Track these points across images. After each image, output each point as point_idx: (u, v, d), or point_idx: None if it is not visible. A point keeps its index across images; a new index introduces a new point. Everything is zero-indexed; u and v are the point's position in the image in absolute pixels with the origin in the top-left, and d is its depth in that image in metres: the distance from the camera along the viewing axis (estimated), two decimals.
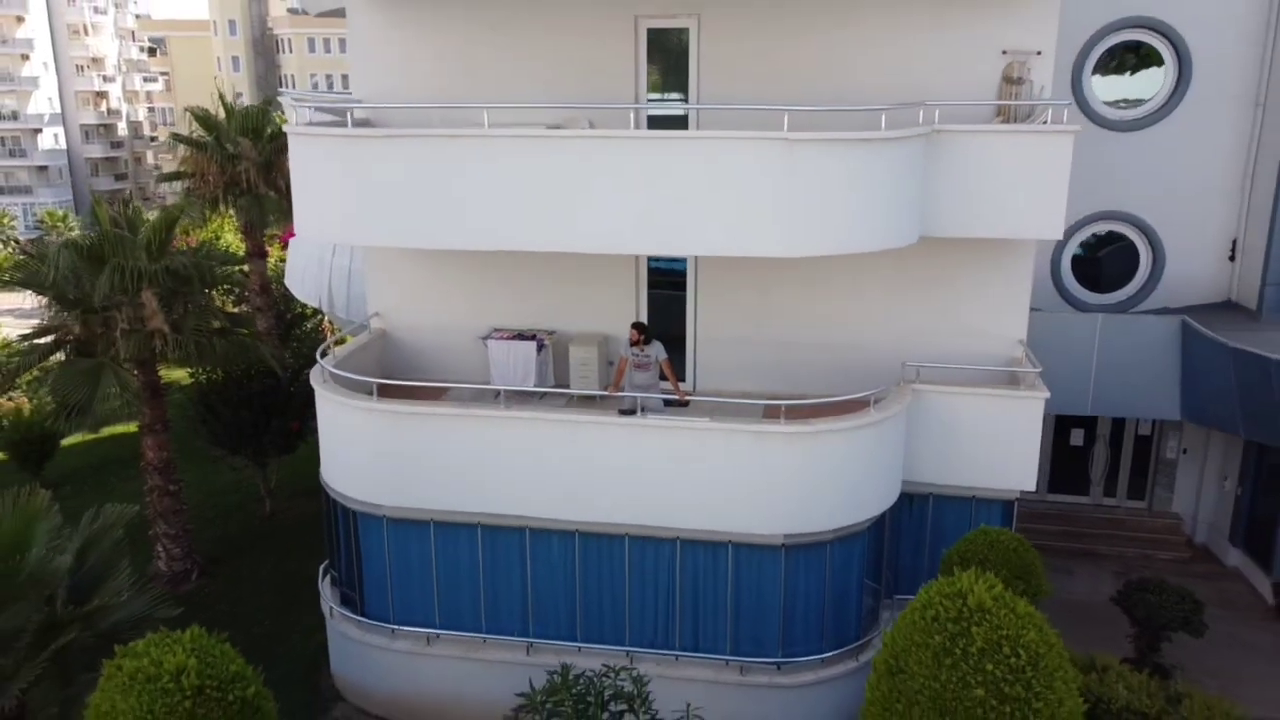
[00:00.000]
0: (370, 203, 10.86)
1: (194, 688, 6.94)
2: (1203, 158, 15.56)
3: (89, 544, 10.05)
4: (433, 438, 11.39)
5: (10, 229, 70.90)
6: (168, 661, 7.01)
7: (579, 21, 12.34)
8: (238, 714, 7.14)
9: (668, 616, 11.30)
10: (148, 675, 6.94)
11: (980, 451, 11.55)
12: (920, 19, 11.69)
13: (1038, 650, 6.85)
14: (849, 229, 10.22)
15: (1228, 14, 15.02)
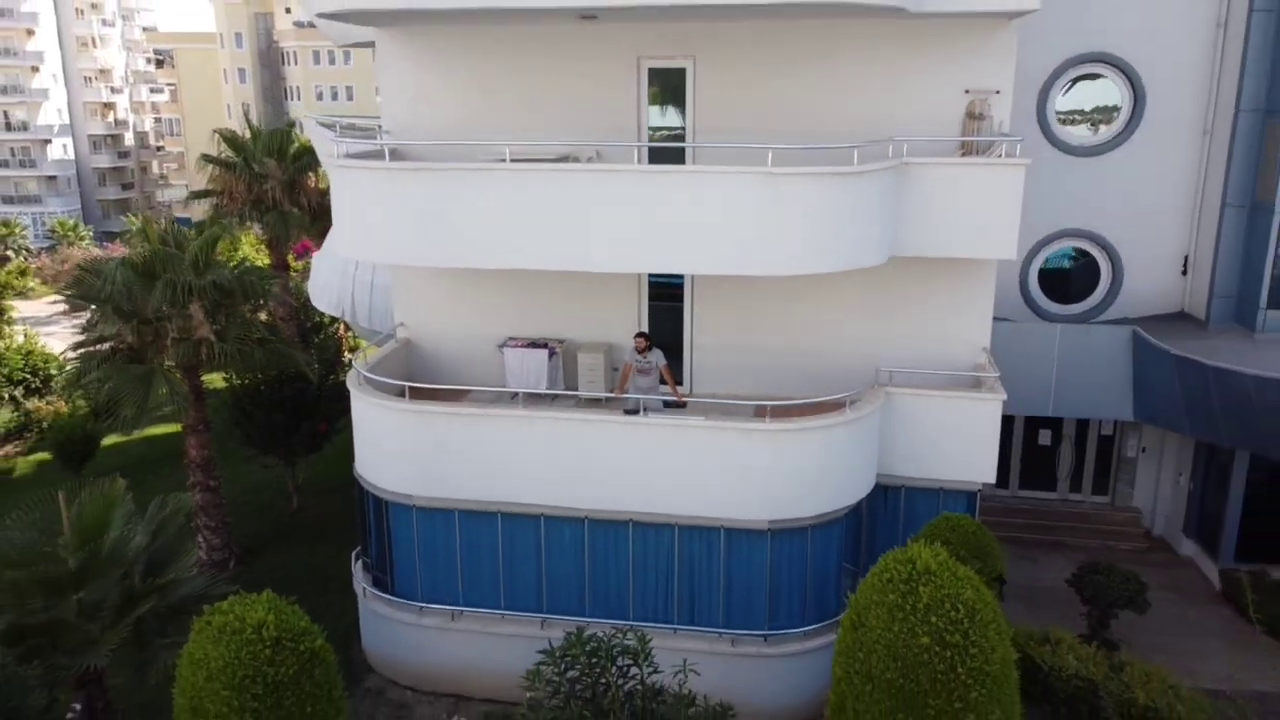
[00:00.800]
0: (403, 227, 12.28)
1: (272, 639, 8.32)
2: (1157, 180, 16.97)
3: (158, 528, 11.43)
4: (458, 435, 12.80)
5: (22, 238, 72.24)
6: (250, 617, 8.39)
7: (587, 61, 13.73)
8: (307, 662, 8.52)
9: (667, 594, 12.69)
10: (234, 628, 8.32)
11: (946, 447, 12.95)
12: (892, 60, 13.10)
13: (974, 606, 8.24)
14: (826, 251, 11.64)
15: (1176, 49, 16.44)
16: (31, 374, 22.73)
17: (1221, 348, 15.35)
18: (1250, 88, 15.65)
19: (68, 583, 10.36)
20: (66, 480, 19.97)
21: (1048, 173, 16.89)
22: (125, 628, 10.41)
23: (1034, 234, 17.33)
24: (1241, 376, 13.87)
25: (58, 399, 23.14)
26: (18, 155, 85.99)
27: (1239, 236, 16.02)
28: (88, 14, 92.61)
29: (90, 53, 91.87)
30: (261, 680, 8.20)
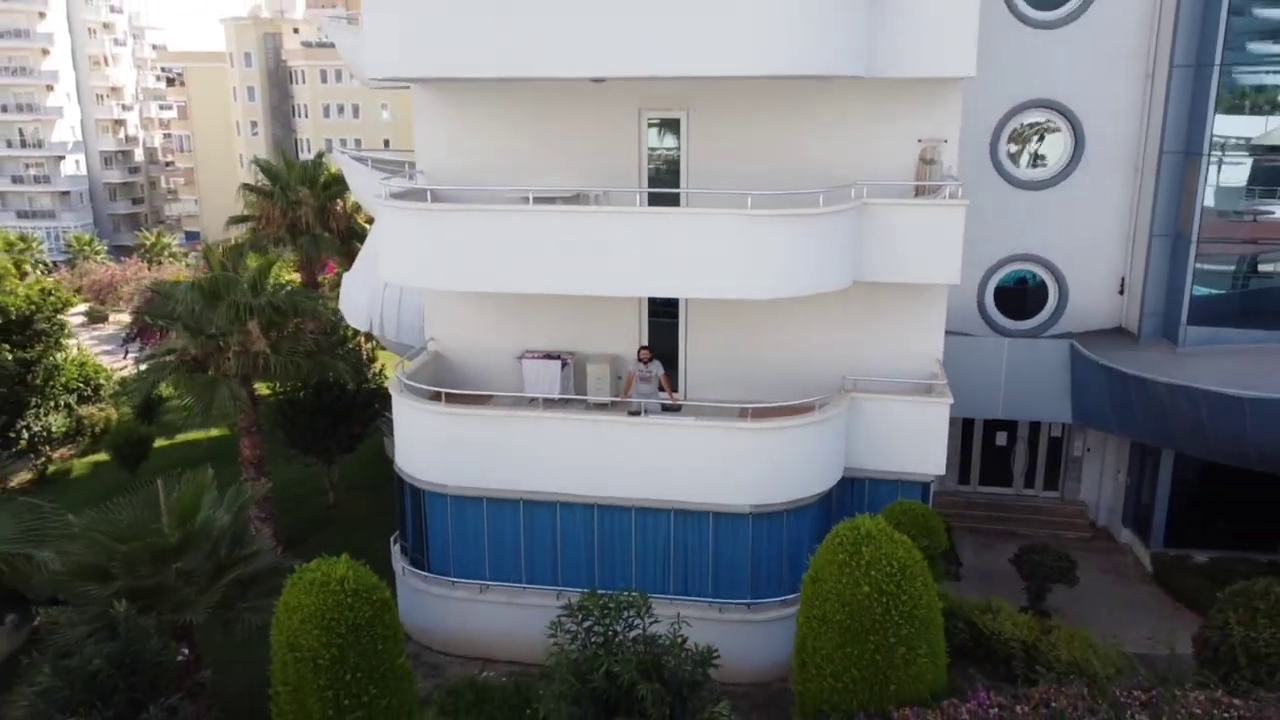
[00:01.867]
0: (441, 257, 14.54)
1: (351, 590, 10.54)
2: (1097, 212, 19.23)
3: (238, 511, 13.63)
4: (486, 434, 15.03)
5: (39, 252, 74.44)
6: (334, 573, 10.61)
7: (597, 112, 15.95)
8: (378, 609, 10.74)
9: (664, 568, 14.89)
10: (322, 582, 10.54)
11: (902, 444, 15.16)
12: (857, 113, 15.35)
13: (905, 563, 10.47)
14: (798, 278, 13.90)
15: (1112, 98, 18.72)
16: (84, 383, 24.95)
17: (1149, 359, 17.61)
18: (1172, 132, 17.94)
19: (169, 554, 12.55)
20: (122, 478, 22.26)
21: (1000, 205, 19.19)
22: (216, 591, 12.61)
23: (989, 258, 19.61)
24: (1156, 384, 16.13)
25: (108, 405, 25.32)
26: (32, 171, 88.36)
27: (1164, 262, 18.30)
28: (100, 33, 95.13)
29: (102, 71, 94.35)
30: (344, 622, 10.42)
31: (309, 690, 10.51)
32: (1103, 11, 18.27)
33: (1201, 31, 17.21)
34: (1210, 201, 17.54)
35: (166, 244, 74.18)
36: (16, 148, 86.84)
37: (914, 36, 13.76)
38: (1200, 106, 17.36)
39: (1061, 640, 13.97)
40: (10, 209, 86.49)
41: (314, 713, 10.58)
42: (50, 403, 23.35)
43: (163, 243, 74.10)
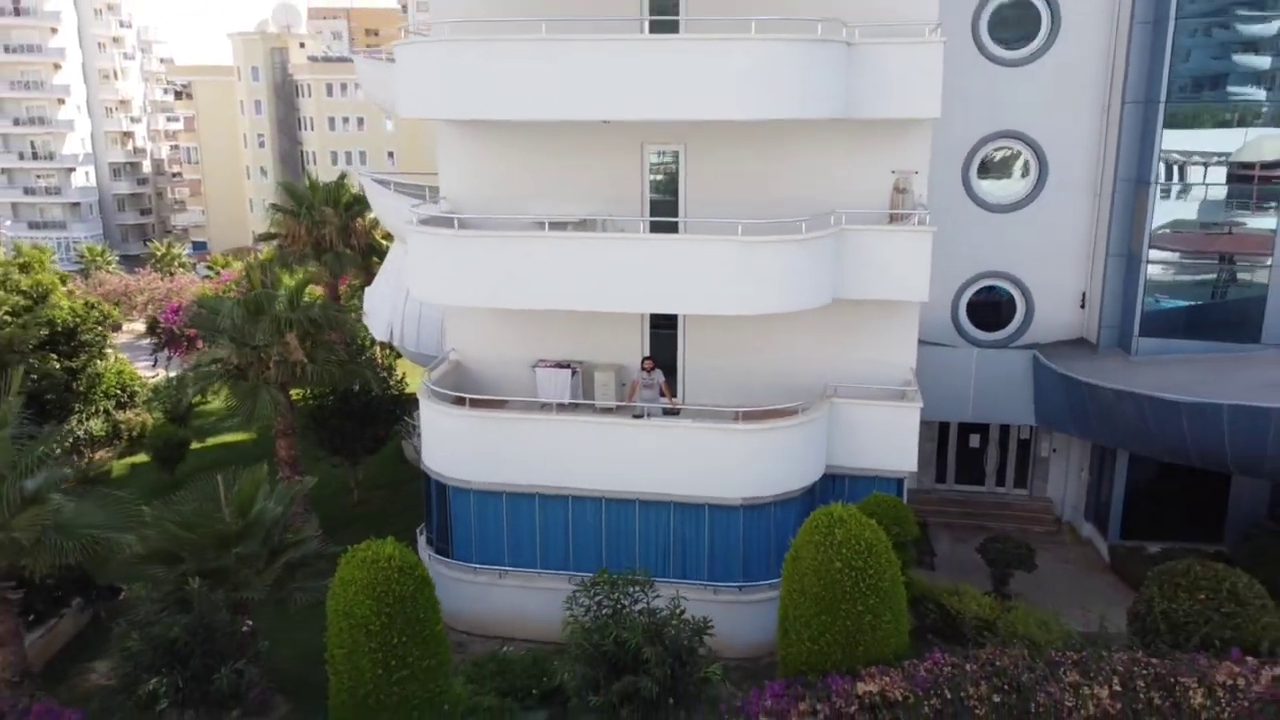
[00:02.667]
0: (464, 277, 16.31)
1: (397, 566, 12.28)
2: (1060, 232, 21.01)
3: (288, 504, 15.38)
4: (505, 435, 16.79)
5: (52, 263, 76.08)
6: (383, 551, 12.35)
7: (602, 145, 17.69)
8: (420, 583, 12.47)
9: (664, 554, 16.63)
10: (372, 559, 12.28)
11: (878, 444, 16.93)
12: (837, 148, 17.12)
13: (871, 543, 12.23)
14: (783, 296, 15.69)
15: (1072, 129, 20.51)
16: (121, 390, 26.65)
17: (1105, 367, 19.39)
18: (1125, 161, 19.75)
19: (231, 540, 14.29)
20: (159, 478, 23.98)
21: (972, 226, 21.00)
22: (272, 573, 14.37)
23: (962, 275, 21.40)
24: (1104, 389, 17.91)
25: (143, 411, 27.05)
26: (43, 183, 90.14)
27: (1119, 279, 20.10)
28: (109, 47, 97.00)
29: (112, 84, 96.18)
30: (391, 594, 12.17)
31: (361, 652, 12.25)
32: (1062, 52, 20.08)
33: (1149, 71, 19.04)
34: (1158, 223, 19.35)
35: (176, 254, 75.87)
36: (29, 160, 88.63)
37: (886, 83, 15.54)
38: (1149, 139, 19.17)
39: (1019, 618, 15.74)
40: (22, 220, 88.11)
41: (365, 672, 12.32)
42: (91, 408, 25.09)
43: (173, 253, 75.80)
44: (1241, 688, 12.01)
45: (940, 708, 11.91)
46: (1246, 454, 16.58)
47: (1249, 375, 17.90)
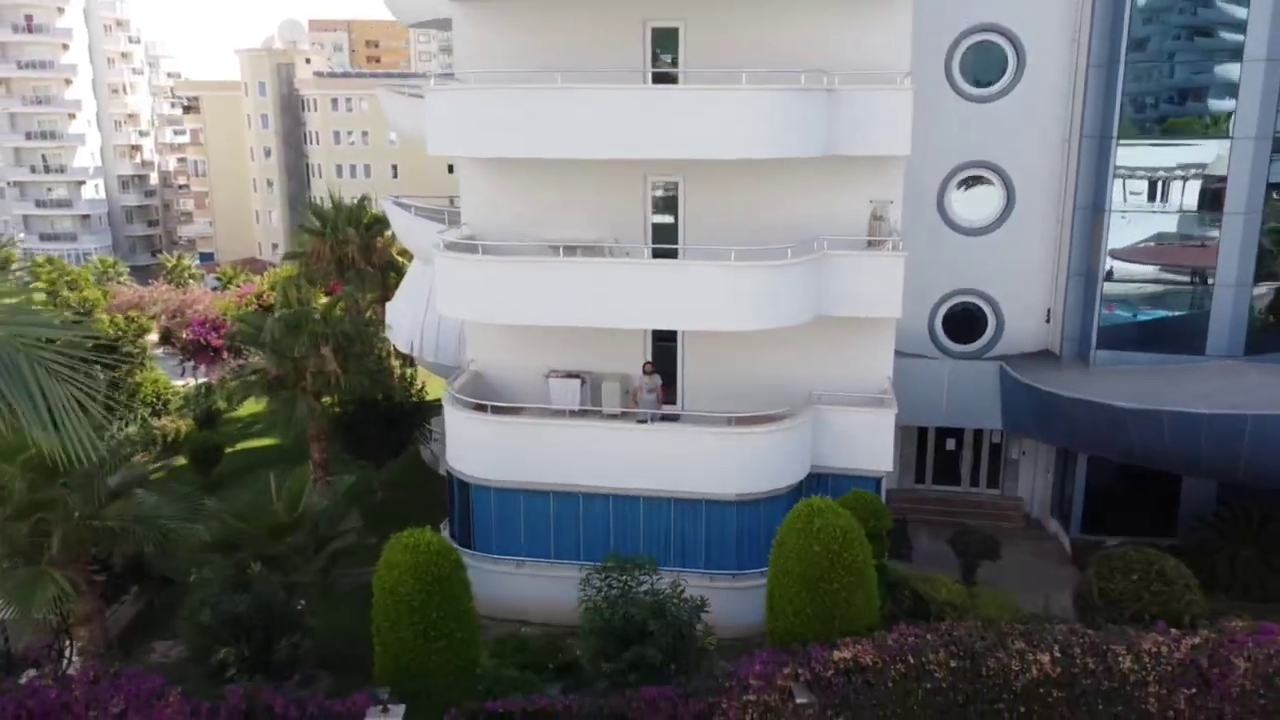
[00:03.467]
0: (486, 296, 18.24)
1: (435, 550, 14.16)
2: (1027, 254, 22.94)
3: (332, 500, 17.27)
4: (522, 438, 18.70)
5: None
6: (422, 538, 14.23)
7: (609, 178, 19.57)
8: (454, 566, 14.35)
9: (666, 545, 18.52)
10: (414, 544, 14.16)
11: (857, 446, 18.84)
12: (819, 180, 19.03)
13: (845, 529, 14.14)
14: (771, 313, 17.63)
15: (1037, 160, 22.47)
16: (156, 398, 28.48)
17: (1065, 377, 21.33)
18: (1083, 189, 21.72)
19: (284, 530, 16.18)
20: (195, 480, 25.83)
21: (947, 247, 22.95)
22: (320, 560, 16.25)
23: (938, 291, 23.34)
24: (1061, 397, 19.86)
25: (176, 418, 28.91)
26: (54, 195, 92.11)
27: (1079, 297, 22.06)
28: (118, 63, 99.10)
29: (121, 99, 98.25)
30: (430, 574, 14.05)
31: (404, 625, 14.13)
32: (1028, 89, 22.05)
33: (1103, 109, 21.03)
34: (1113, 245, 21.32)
35: (186, 266, 77.78)
36: (40, 173, 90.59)
37: (862, 125, 17.52)
38: (1103, 170, 21.14)
39: (982, 602, 17.67)
40: (34, 232, 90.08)
41: (407, 642, 14.20)
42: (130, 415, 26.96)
43: (183, 265, 77.72)
44: (1165, 654, 13.89)
45: (905, 672, 13.78)
46: (1184, 455, 18.55)
47: (1193, 384, 19.85)
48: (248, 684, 13.67)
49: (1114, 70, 20.56)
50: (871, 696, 13.80)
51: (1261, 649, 13.99)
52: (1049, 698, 13.84)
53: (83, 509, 14.26)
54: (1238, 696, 13.95)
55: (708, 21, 18.78)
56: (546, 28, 18.94)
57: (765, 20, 18.51)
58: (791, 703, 13.87)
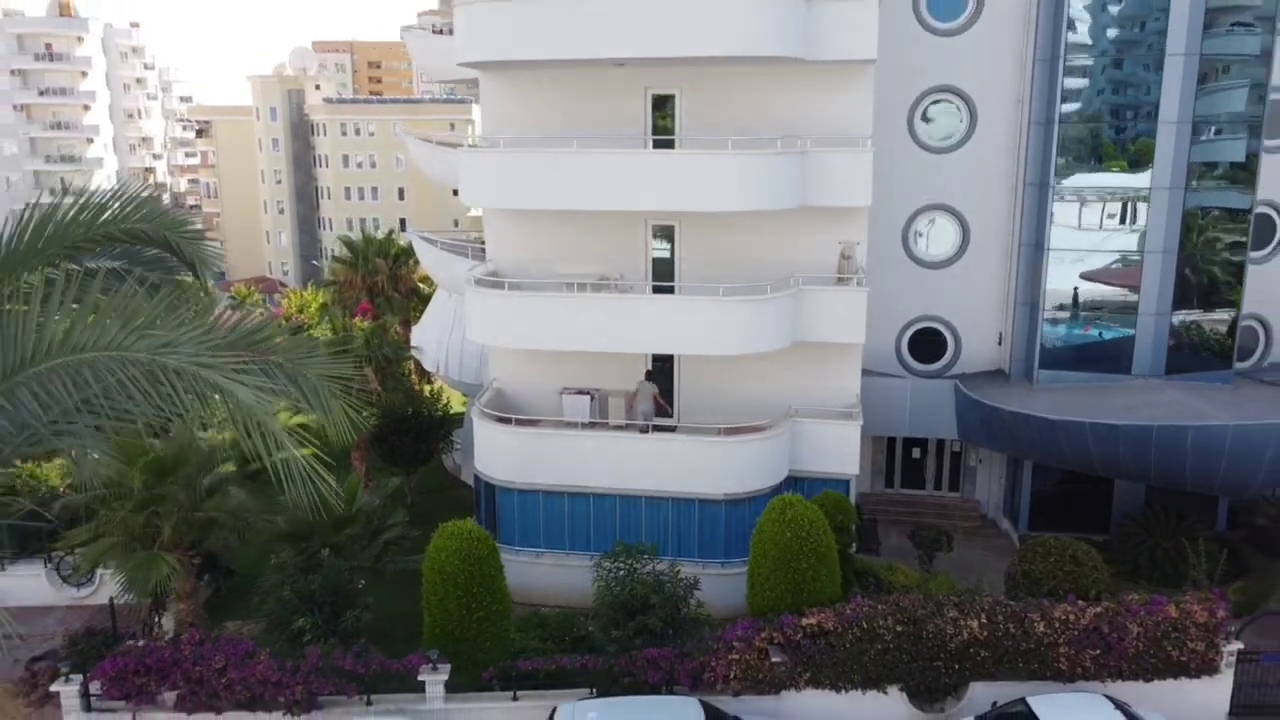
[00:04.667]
0: (511, 324, 21.40)
1: (474, 537, 17.29)
2: (981, 284, 26.10)
3: (382, 499, 20.35)
4: (541, 446, 21.81)
5: None
6: (461, 528, 17.34)
7: (615, 223, 22.72)
8: (490, 551, 17.49)
9: (664, 538, 21.58)
10: (456, 532, 17.29)
11: (829, 452, 21.97)
12: (796, 226, 22.19)
13: (813, 520, 17.29)
14: (754, 340, 20.80)
15: (989, 202, 25.65)
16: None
17: (1012, 394, 24.48)
18: (1027, 229, 24.94)
19: (344, 523, 19.27)
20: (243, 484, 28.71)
21: (911, 279, 26.11)
22: (374, 549, 19.34)
23: (903, 318, 26.47)
24: (1003, 411, 23.02)
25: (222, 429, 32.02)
26: None
27: (1024, 323, 25.24)
28: (133, 88, 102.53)
29: (135, 123, 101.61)
30: (473, 555, 17.17)
31: (450, 598, 17.23)
32: (980, 142, 25.22)
33: (1042, 161, 24.28)
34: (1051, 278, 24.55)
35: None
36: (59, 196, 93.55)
37: (831, 181, 20.76)
38: (1043, 213, 24.37)
39: (935, 585, 20.76)
40: None
41: (452, 613, 17.29)
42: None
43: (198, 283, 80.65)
44: (1073, 621, 17.05)
45: (859, 635, 16.93)
46: (1105, 460, 21.70)
47: (1119, 399, 23.02)
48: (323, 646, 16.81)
49: (1051, 129, 23.82)
50: (832, 655, 17.00)
51: (1151, 616, 17.16)
52: (977, 656, 17.02)
53: (187, 503, 17.35)
54: (1132, 655, 17.09)
55: (700, 90, 22.03)
56: (564, 94, 22.18)
57: (749, 90, 21.74)
58: (767, 661, 17.08)
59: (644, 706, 16.18)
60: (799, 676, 17.11)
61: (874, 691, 17.28)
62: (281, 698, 16.52)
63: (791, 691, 17.22)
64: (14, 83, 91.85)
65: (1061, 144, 23.93)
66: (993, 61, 24.67)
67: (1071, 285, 24.87)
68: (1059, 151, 23.96)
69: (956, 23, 24.67)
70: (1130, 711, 16.26)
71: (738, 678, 17.02)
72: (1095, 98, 24.19)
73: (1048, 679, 17.11)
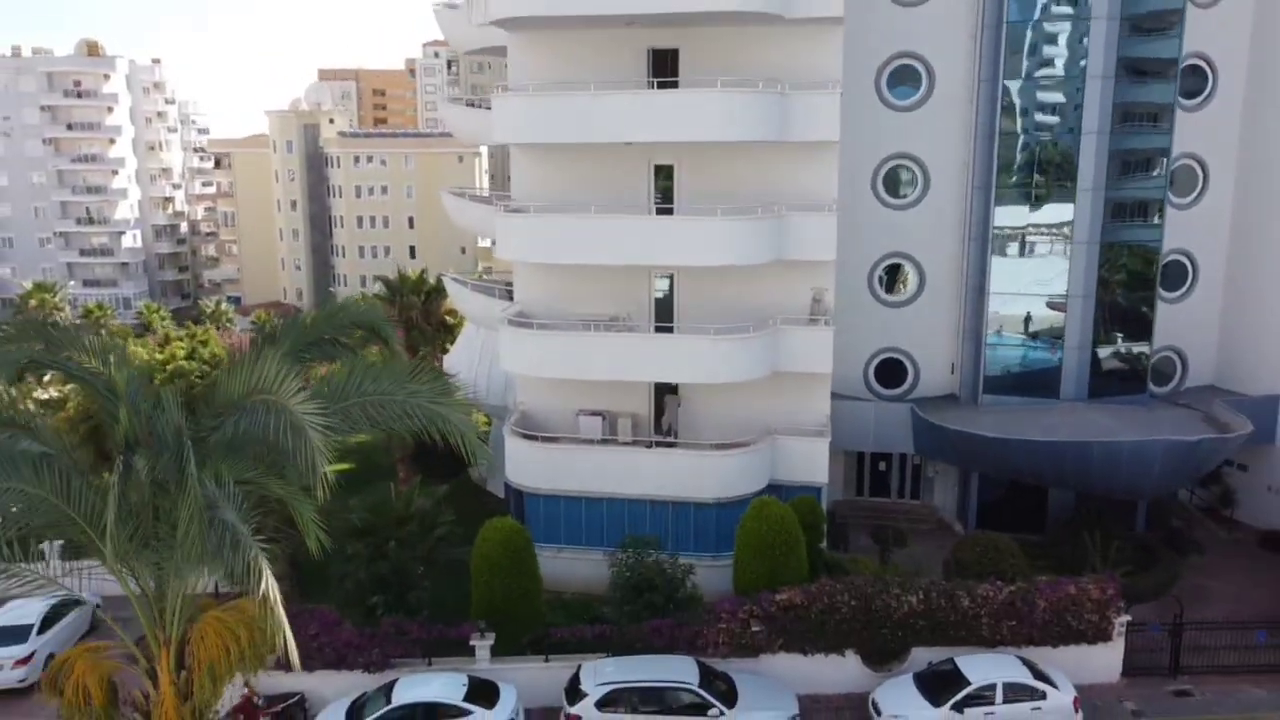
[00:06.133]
0: (537, 356, 25.82)
1: (515, 530, 21.62)
2: (936, 321, 30.50)
3: (432, 504, 24.65)
4: (562, 459, 26.15)
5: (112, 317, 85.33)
6: (505, 524, 21.68)
7: (624, 272, 27.11)
8: (526, 540, 21.82)
9: (665, 535, 25.80)
10: (500, 525, 21.67)
11: (802, 464, 26.31)
12: (775, 276, 26.49)
13: (784, 516, 21.65)
14: (741, 370, 25.20)
15: (943, 252, 30.10)
16: None
17: (961, 415, 28.86)
18: (972, 274, 29.40)
19: (404, 522, 23.54)
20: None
21: (877, 316, 30.54)
22: (428, 542, 23.61)
23: (869, 349, 30.85)
24: (948, 429, 27.39)
25: None
26: (96, 244, 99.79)
27: (971, 354, 29.67)
28: (155, 121, 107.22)
29: (157, 155, 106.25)
30: (512, 544, 21.50)
31: (494, 580, 21.53)
32: (933, 201, 29.69)
33: (983, 218, 28.77)
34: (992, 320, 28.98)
35: (224, 311, 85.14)
36: (85, 225, 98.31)
37: (801, 240, 25.21)
38: (984, 261, 28.84)
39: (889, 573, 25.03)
40: (77, 278, 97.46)
41: (496, 591, 21.58)
42: None
43: (221, 310, 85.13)
44: (992, 598, 21.34)
45: (822, 608, 21.22)
46: (1032, 470, 26.06)
47: (1047, 419, 27.41)
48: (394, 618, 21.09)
49: (989, 192, 28.34)
50: (801, 625, 21.28)
51: (1055, 594, 21.47)
52: (917, 625, 21.31)
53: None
54: (1041, 625, 21.38)
55: (695, 161, 26.49)
56: (583, 164, 26.62)
57: (735, 162, 26.20)
58: (749, 630, 21.36)
59: (651, 663, 20.42)
60: (774, 642, 21.39)
61: (834, 655, 21.55)
62: (361, 659, 20.79)
63: (768, 655, 21.48)
64: (44, 118, 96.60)
65: (998, 204, 28.44)
66: (943, 133, 29.21)
67: (1010, 322, 29.31)
68: (996, 210, 28.46)
69: (913, 100, 29.23)
70: (1037, 669, 20.54)
71: (726, 643, 21.29)
72: (1025, 167, 28.72)
73: (974, 644, 21.39)
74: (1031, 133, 28.52)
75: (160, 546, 12.66)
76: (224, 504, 12.29)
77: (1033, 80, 28.22)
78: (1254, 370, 30.09)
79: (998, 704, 19.76)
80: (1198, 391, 30.61)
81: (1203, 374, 31.28)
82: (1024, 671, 20.37)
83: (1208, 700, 21.67)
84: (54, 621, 23.60)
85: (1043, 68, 28.18)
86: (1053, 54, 28.14)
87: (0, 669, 22.21)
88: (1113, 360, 29.17)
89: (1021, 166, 28.70)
